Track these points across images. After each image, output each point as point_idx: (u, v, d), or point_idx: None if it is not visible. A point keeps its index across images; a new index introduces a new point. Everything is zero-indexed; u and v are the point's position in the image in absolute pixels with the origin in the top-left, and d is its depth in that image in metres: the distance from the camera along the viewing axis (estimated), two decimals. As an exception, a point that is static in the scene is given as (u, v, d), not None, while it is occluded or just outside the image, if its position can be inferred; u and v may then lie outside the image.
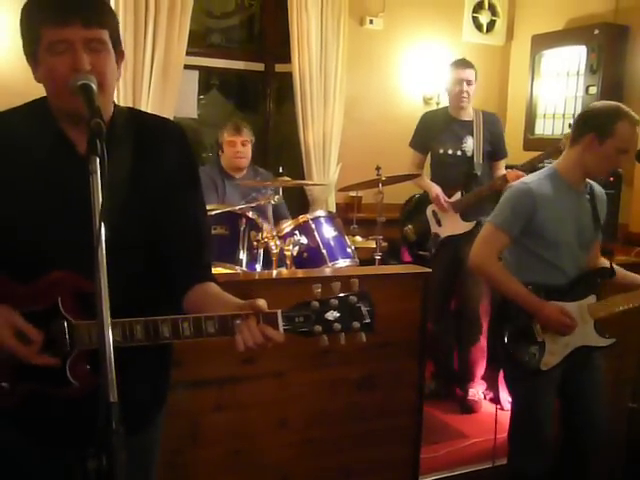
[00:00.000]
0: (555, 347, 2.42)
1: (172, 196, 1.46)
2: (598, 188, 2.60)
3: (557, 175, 2.49)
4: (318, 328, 1.33)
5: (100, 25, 1.32)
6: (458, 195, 3.82)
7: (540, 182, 2.48)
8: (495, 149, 3.88)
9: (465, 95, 3.79)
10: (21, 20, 1.35)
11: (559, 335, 2.41)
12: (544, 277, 2.46)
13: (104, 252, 1.10)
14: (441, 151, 3.86)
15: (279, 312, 1.32)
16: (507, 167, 3.86)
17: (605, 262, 2.67)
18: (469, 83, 3.79)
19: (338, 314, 1.33)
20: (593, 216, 2.53)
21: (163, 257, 1.45)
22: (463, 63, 3.86)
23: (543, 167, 2.69)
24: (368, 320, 1.34)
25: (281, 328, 1.31)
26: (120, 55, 1.39)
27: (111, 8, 1.40)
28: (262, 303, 1.32)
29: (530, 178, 2.56)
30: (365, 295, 1.35)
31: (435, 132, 3.88)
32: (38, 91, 1.41)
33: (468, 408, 3.87)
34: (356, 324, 1.34)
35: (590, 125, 2.41)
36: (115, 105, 1.44)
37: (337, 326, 1.33)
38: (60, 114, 1.38)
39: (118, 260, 1.11)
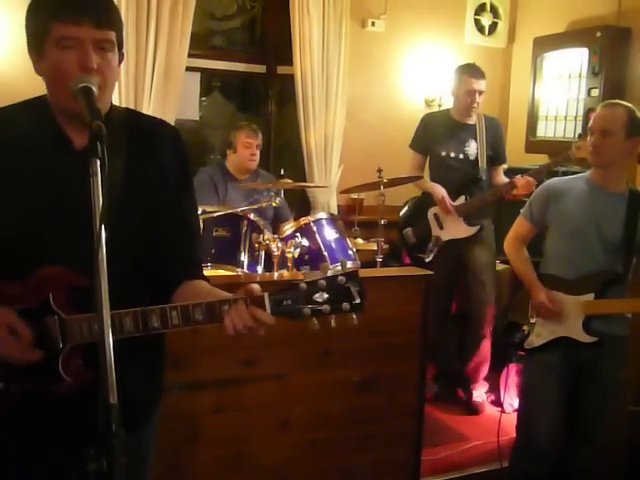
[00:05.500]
0: (542, 330, 2.55)
1: (165, 196, 1.47)
2: None
3: (588, 176, 2.58)
4: (307, 310, 1.29)
5: (110, 27, 1.34)
6: (462, 199, 3.79)
7: (567, 179, 2.64)
8: (495, 154, 3.85)
9: (476, 105, 3.76)
10: (29, 12, 1.35)
11: (543, 319, 2.54)
12: (557, 269, 2.57)
13: (104, 254, 1.10)
14: (443, 154, 3.82)
15: (266, 295, 1.30)
16: (513, 171, 3.83)
17: None
18: (481, 93, 3.74)
19: (327, 295, 1.29)
20: (626, 221, 2.48)
21: (154, 256, 1.46)
22: (477, 73, 3.75)
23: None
24: (358, 300, 1.29)
25: (269, 310, 1.29)
26: (121, 57, 1.40)
27: (118, 10, 1.41)
28: (253, 286, 1.30)
29: (565, 177, 2.73)
30: (354, 275, 1.30)
31: (437, 134, 3.85)
32: (41, 92, 1.41)
33: (473, 410, 3.86)
34: (346, 305, 1.29)
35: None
36: (112, 105, 1.45)
37: (326, 308, 1.29)
38: (58, 111, 1.39)
39: (111, 258, 1.11)
